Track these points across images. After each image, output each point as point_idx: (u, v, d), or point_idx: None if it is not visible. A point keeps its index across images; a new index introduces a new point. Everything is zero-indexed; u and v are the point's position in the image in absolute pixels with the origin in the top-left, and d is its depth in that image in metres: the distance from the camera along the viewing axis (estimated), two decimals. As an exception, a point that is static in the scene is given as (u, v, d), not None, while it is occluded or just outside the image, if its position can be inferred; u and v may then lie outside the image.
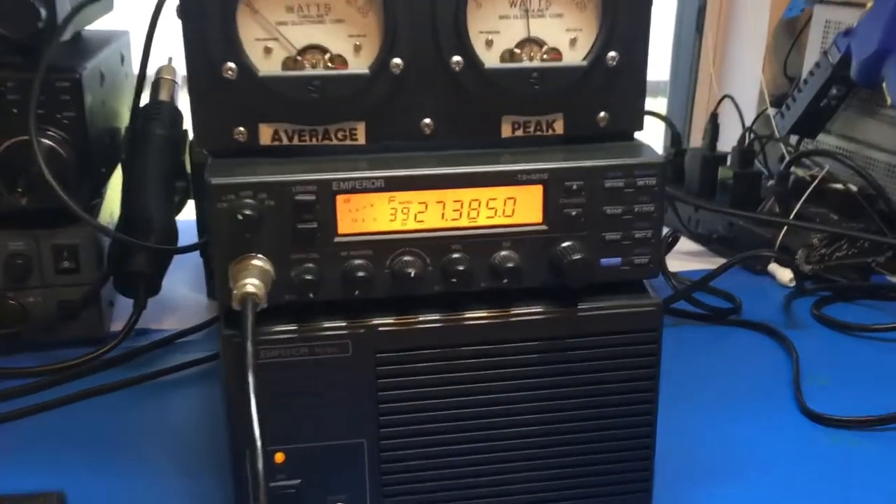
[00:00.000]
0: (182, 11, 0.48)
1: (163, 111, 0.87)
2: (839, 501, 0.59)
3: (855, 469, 0.63)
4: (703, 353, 0.80)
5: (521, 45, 0.51)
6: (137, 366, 0.77)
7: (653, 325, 0.53)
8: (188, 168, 0.87)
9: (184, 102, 0.89)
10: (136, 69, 0.94)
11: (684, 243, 1.04)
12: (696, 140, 1.34)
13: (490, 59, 0.51)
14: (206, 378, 0.76)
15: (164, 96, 0.90)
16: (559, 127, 0.53)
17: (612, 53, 0.51)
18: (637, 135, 0.55)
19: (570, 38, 0.52)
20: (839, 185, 1.00)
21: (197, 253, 0.90)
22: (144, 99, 0.89)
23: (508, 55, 0.51)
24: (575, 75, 0.51)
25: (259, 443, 0.42)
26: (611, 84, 0.52)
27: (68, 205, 0.69)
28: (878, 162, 1.06)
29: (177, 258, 0.84)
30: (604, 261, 0.52)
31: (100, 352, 0.77)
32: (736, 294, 0.89)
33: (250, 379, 0.43)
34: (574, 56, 0.52)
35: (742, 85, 1.35)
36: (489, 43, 0.51)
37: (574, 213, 0.50)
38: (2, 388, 0.72)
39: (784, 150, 1.09)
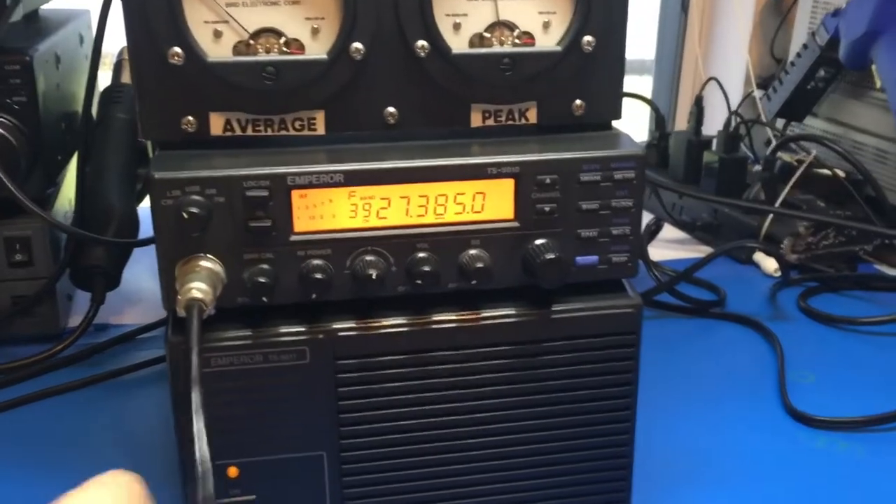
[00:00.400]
0: (122, -8, 0.44)
1: (124, 94, 0.83)
2: (823, 502, 0.57)
3: (840, 473, 0.60)
4: (686, 347, 0.78)
5: (490, 28, 0.48)
6: (96, 363, 0.74)
7: (631, 328, 0.50)
8: (151, 154, 0.83)
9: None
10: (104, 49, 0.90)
11: (668, 231, 1.01)
12: (682, 122, 1.31)
13: (458, 43, 0.47)
14: (166, 378, 0.73)
15: (126, 79, 0.87)
16: (532, 116, 0.50)
17: (588, 38, 0.48)
18: (620, 119, 0.52)
19: (543, 22, 0.48)
20: (826, 171, 0.97)
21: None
22: (106, 82, 0.86)
23: (477, 39, 0.48)
24: (549, 61, 0.48)
25: (200, 467, 0.39)
26: (587, 70, 0.49)
27: (18, 198, 0.65)
28: (866, 146, 1.04)
29: (138, 249, 0.80)
30: (579, 259, 0.49)
31: (55, 349, 0.73)
32: (720, 285, 0.86)
33: (194, 397, 0.39)
34: (548, 40, 0.48)
35: (728, 66, 1.31)
36: (457, 26, 0.48)
37: (548, 208, 0.47)
38: (-51, 389, 0.68)
39: (770, 135, 1.07)
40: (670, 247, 0.98)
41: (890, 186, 0.99)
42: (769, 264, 0.90)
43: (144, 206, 0.81)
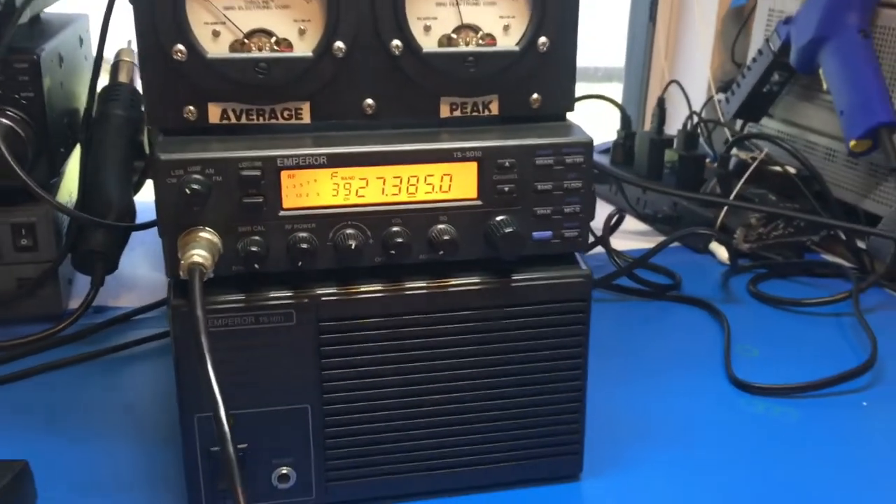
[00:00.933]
0: (132, -5, 0.50)
1: (122, 92, 0.89)
2: (760, 462, 0.63)
3: (775, 433, 0.67)
4: (643, 327, 0.84)
5: (457, 30, 0.54)
6: (94, 342, 0.79)
7: (582, 295, 0.56)
8: (147, 148, 0.89)
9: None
10: (94, 51, 0.96)
11: (632, 223, 1.08)
12: (650, 123, 1.38)
13: (428, 43, 0.54)
14: (161, 354, 0.78)
15: (123, 78, 0.92)
16: (494, 108, 0.56)
17: (542, 39, 0.54)
18: (573, 111, 0.58)
19: (503, 25, 0.55)
20: (777, 168, 1.04)
21: (156, 232, 0.92)
22: (104, 81, 0.91)
23: (446, 40, 0.54)
24: (508, 59, 0.54)
25: (219, 398, 0.44)
26: (542, 68, 0.55)
27: (27, 183, 0.71)
28: (817, 146, 1.11)
29: (136, 237, 0.86)
30: (535, 234, 0.55)
31: (57, 328, 0.79)
32: (678, 272, 0.93)
33: (204, 342, 0.45)
34: (508, 41, 0.55)
35: (692, 71, 1.39)
36: (427, 28, 0.54)
37: (507, 188, 0.54)
38: (-39, 362, 0.74)
39: (728, 134, 1.14)
40: (634, 237, 1.05)
41: (839, 183, 1.06)
42: (723, 253, 0.97)
43: (140, 196, 0.87)
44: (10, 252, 0.79)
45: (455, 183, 0.53)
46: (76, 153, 0.88)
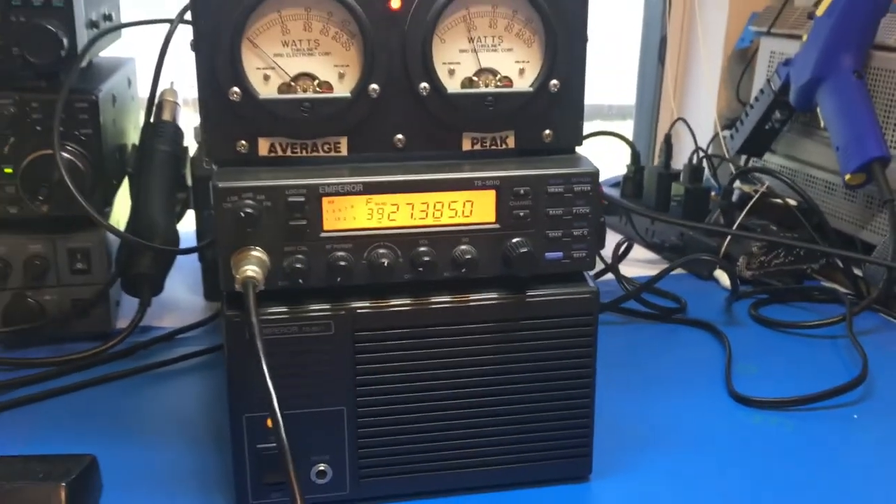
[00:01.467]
0: (195, 46, 0.57)
1: (166, 129, 0.96)
2: (757, 468, 0.69)
3: (772, 442, 0.72)
4: (649, 346, 0.90)
5: (478, 74, 0.61)
6: (140, 357, 0.86)
7: (590, 310, 0.62)
8: (189, 181, 0.96)
9: (184, 121, 0.99)
10: (141, 92, 1.04)
11: (641, 252, 1.14)
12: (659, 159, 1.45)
13: (452, 85, 0.61)
14: (202, 369, 0.85)
15: (167, 116, 1.00)
16: (511, 142, 0.63)
17: (554, 81, 0.61)
18: (581, 145, 0.65)
19: (519, 69, 0.62)
20: (778, 200, 1.10)
21: (195, 258, 0.99)
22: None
23: (468, 82, 0.61)
24: (523, 99, 0.61)
25: (273, 393, 0.51)
26: (554, 107, 0.62)
27: (88, 211, 0.78)
28: (817, 180, 1.17)
29: (176, 263, 0.93)
30: (548, 254, 0.61)
31: (108, 345, 0.86)
32: (683, 296, 0.99)
33: (259, 344, 0.52)
34: (523, 83, 0.62)
35: (700, 109, 1.46)
36: (451, 72, 0.61)
37: (522, 213, 0.60)
38: (24, 375, 0.81)
39: (733, 169, 1.20)
40: (643, 265, 1.11)
41: (838, 214, 1.12)
42: (727, 280, 1.03)
43: (182, 227, 0.94)
44: (66, 275, 0.86)
45: (476, 208, 0.60)
46: (124, 185, 0.96)
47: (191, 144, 0.98)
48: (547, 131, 0.63)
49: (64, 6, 0.80)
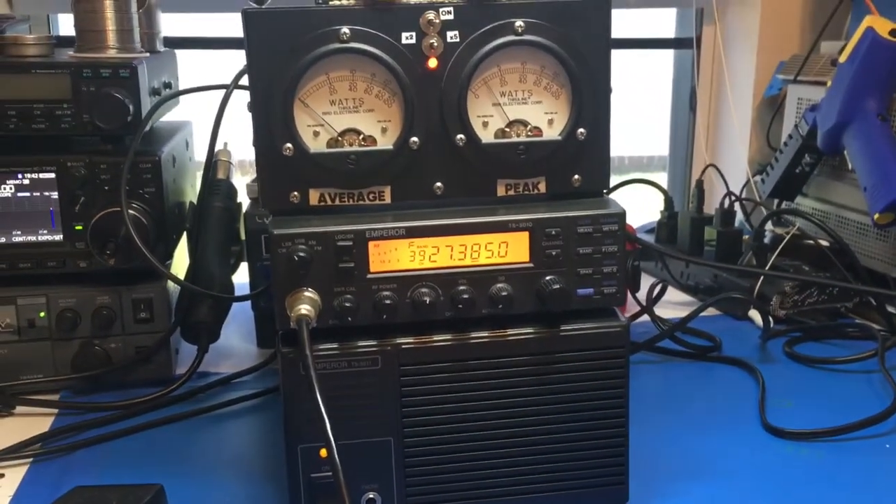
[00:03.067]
0: (252, 107, 0.63)
1: (221, 187, 1.03)
2: (790, 496, 0.71)
3: (806, 472, 0.74)
4: (683, 383, 0.93)
5: (510, 125, 0.66)
6: (199, 401, 0.91)
7: (621, 342, 0.66)
8: (242, 235, 1.02)
9: (237, 180, 1.05)
10: (197, 153, 1.11)
11: (676, 295, 1.17)
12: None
13: (486, 136, 0.66)
14: (256, 410, 0.90)
15: (221, 175, 1.06)
16: (542, 187, 0.67)
17: (581, 130, 0.66)
18: (608, 188, 0.69)
19: (548, 119, 0.67)
20: (811, 241, 1.13)
21: (249, 309, 1.05)
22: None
23: (500, 133, 0.66)
24: (553, 147, 0.66)
25: (328, 422, 0.55)
26: (581, 153, 0.67)
27: (152, 262, 0.84)
28: (849, 221, 1.19)
29: (231, 313, 0.99)
30: (579, 291, 0.65)
31: (169, 389, 0.91)
32: (718, 336, 1.02)
33: (313, 374, 0.57)
34: (552, 132, 0.67)
35: (731, 156, 1.49)
36: (485, 124, 0.66)
37: (554, 253, 0.64)
38: (92, 418, 0.86)
39: (765, 212, 1.23)
40: (678, 308, 1.13)
41: (871, 254, 1.14)
42: (761, 319, 1.05)
43: (236, 279, 1.00)
44: (130, 324, 0.92)
45: (511, 249, 0.64)
46: (182, 240, 1.02)
47: (244, 201, 1.04)
48: (576, 176, 0.67)
49: (130, 76, 0.87)
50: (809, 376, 0.93)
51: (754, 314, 1.07)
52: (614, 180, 1.21)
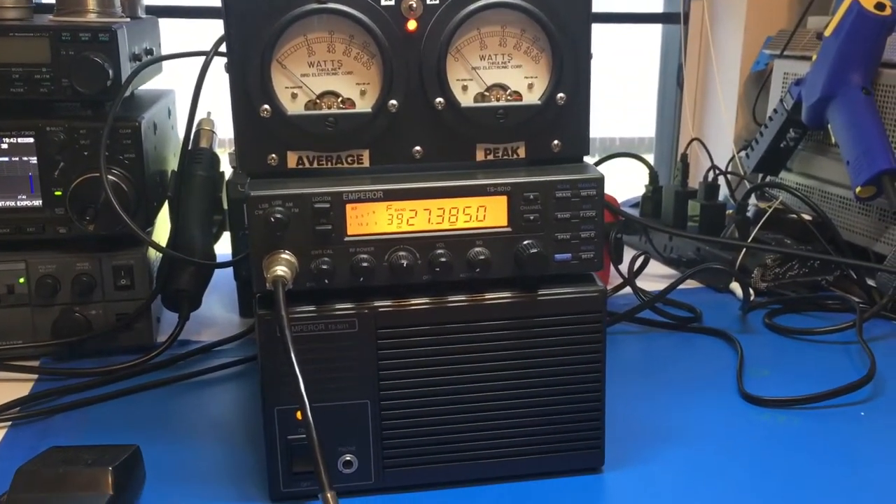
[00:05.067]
0: (230, 68, 0.63)
1: (203, 156, 1.03)
2: (765, 462, 0.71)
3: (780, 438, 0.75)
4: (663, 353, 0.93)
5: (489, 89, 0.66)
6: (180, 368, 0.91)
7: (598, 308, 0.66)
8: (225, 204, 1.02)
9: (222, 154, 1.05)
10: (180, 122, 1.10)
11: (659, 268, 1.18)
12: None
13: (465, 100, 0.65)
14: (236, 378, 0.89)
15: (203, 143, 1.06)
16: (522, 152, 0.67)
17: (560, 95, 0.66)
18: (588, 154, 0.69)
19: (528, 84, 0.66)
20: (793, 215, 1.13)
21: (231, 278, 1.05)
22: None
23: (480, 97, 0.66)
24: (532, 112, 0.66)
25: (302, 383, 0.55)
26: (561, 119, 0.67)
27: (132, 228, 0.84)
28: (832, 195, 1.20)
29: (213, 282, 0.98)
30: (557, 256, 0.66)
31: (149, 356, 0.91)
32: (699, 307, 1.02)
33: (287, 335, 0.57)
34: (531, 97, 0.66)
35: (717, 131, 1.49)
36: (465, 88, 0.66)
37: (532, 217, 0.64)
38: (72, 383, 0.86)
39: (749, 186, 1.23)
40: (661, 280, 1.14)
41: (853, 228, 1.15)
42: (742, 292, 1.06)
43: (219, 249, 0.99)
44: (111, 291, 0.92)
45: (489, 213, 0.64)
46: (164, 208, 1.01)
47: (226, 170, 1.04)
48: (555, 142, 0.67)
49: (109, 40, 0.86)
50: (788, 347, 0.94)
51: (735, 286, 1.08)
52: (602, 156, 1.21)
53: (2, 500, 0.59)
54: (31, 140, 0.87)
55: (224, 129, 1.08)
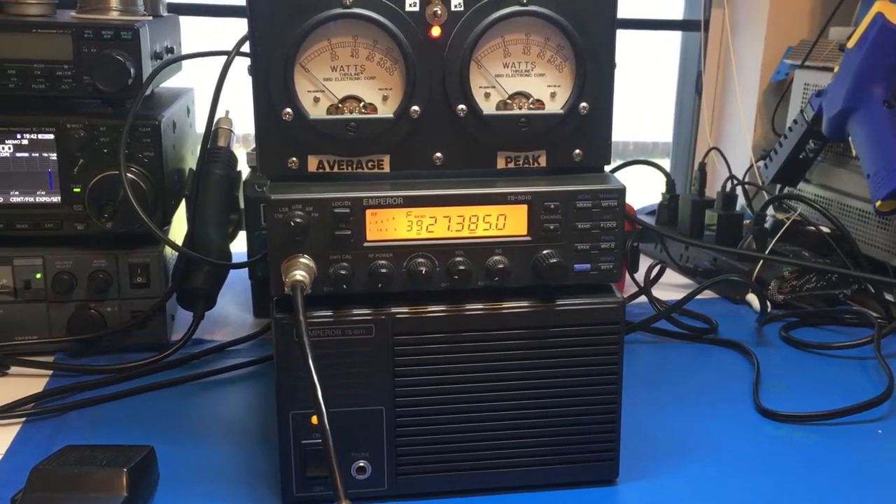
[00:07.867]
0: (253, 70, 0.63)
1: (221, 155, 1.03)
2: (780, 477, 0.71)
3: (797, 454, 0.74)
4: (678, 364, 0.93)
5: (512, 97, 0.66)
6: (193, 367, 0.91)
7: (616, 319, 0.66)
8: (241, 203, 1.02)
9: (239, 152, 1.05)
10: (198, 121, 1.10)
11: (675, 278, 1.17)
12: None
13: (488, 107, 0.65)
14: (250, 378, 0.90)
15: (221, 142, 1.06)
16: (543, 161, 0.67)
17: (583, 104, 0.65)
18: (609, 164, 0.69)
19: (550, 92, 0.66)
20: (811, 228, 1.13)
21: (246, 278, 1.05)
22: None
23: (502, 105, 0.66)
24: (554, 120, 0.65)
25: (319, 388, 0.55)
26: (583, 128, 0.66)
27: (149, 226, 0.84)
28: (851, 208, 1.19)
29: (228, 282, 0.98)
30: (576, 266, 0.65)
31: (163, 355, 0.91)
32: (715, 319, 1.01)
33: (305, 340, 0.57)
34: (554, 106, 0.66)
35: (736, 140, 1.49)
36: (487, 95, 0.65)
37: (552, 227, 0.64)
38: (86, 380, 0.86)
39: (767, 197, 1.23)
40: (677, 290, 1.13)
41: (872, 242, 1.14)
42: (758, 303, 1.05)
43: (234, 248, 0.99)
44: (126, 288, 0.92)
45: (509, 222, 0.64)
46: (181, 208, 1.02)
47: (244, 169, 1.04)
48: (577, 151, 0.67)
49: (132, 39, 0.86)
50: (804, 361, 0.93)
51: (752, 298, 1.07)
52: (618, 164, 1.20)
53: (17, 499, 0.59)
54: (52, 136, 0.88)
55: (242, 126, 1.08)
